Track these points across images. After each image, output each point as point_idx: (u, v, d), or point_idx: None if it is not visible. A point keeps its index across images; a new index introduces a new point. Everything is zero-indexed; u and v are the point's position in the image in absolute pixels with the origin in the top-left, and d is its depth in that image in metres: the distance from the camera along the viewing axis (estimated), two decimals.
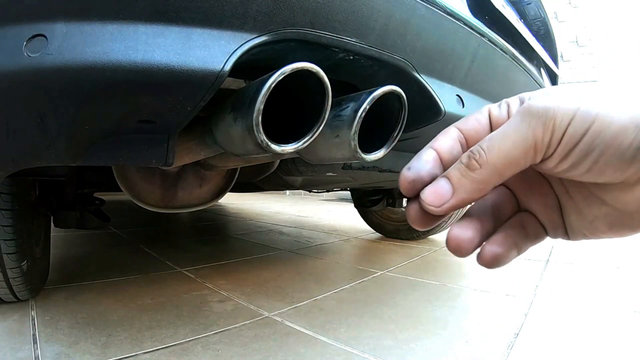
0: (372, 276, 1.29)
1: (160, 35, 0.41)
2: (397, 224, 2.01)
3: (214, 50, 0.43)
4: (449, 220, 1.81)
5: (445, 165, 0.22)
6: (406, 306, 1.01)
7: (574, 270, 1.38)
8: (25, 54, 0.39)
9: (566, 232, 0.23)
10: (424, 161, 0.22)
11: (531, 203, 0.24)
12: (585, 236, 0.22)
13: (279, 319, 0.90)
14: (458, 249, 0.21)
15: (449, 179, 0.21)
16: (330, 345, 0.77)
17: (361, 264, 1.50)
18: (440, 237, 2.08)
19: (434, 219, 0.22)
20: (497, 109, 0.23)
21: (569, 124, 0.17)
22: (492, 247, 0.22)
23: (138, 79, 0.41)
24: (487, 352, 0.75)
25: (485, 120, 0.23)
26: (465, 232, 0.22)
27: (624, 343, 0.79)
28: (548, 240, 0.25)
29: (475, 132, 0.23)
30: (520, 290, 1.13)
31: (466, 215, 0.23)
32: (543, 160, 0.19)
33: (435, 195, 0.21)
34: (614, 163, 0.17)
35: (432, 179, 0.21)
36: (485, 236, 0.22)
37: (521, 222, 0.23)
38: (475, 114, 0.23)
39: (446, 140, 0.23)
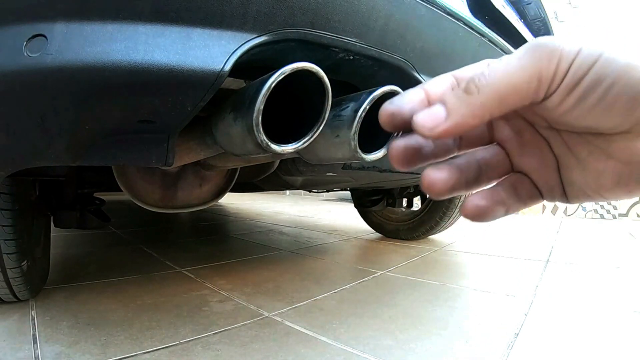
0: (372, 276, 1.29)
1: (160, 35, 0.41)
2: (397, 224, 2.01)
3: (214, 50, 0.43)
4: (450, 218, 1.81)
5: None
6: (406, 306, 1.01)
7: (574, 270, 1.38)
8: (25, 54, 0.39)
9: (564, 193, 0.22)
10: (408, 99, 0.21)
11: (526, 162, 0.22)
12: (587, 196, 0.21)
13: (279, 319, 0.90)
14: (430, 187, 0.21)
15: (444, 102, 0.19)
16: (330, 345, 0.77)
17: (361, 264, 1.50)
18: (440, 237, 2.08)
19: (419, 158, 0.22)
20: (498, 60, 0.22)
21: (575, 56, 0.17)
22: (475, 198, 0.21)
23: (138, 79, 0.41)
24: (487, 352, 0.75)
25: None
26: (441, 172, 0.21)
27: (624, 343, 0.79)
28: (548, 240, 0.24)
29: None
30: (520, 290, 1.13)
31: (446, 161, 0.22)
32: (546, 98, 0.18)
33: (428, 116, 0.19)
34: (621, 101, 0.16)
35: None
36: (464, 184, 0.22)
37: (512, 182, 0.23)
38: (475, 64, 0.22)
39: (439, 84, 0.21)
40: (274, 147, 0.47)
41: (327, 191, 2.36)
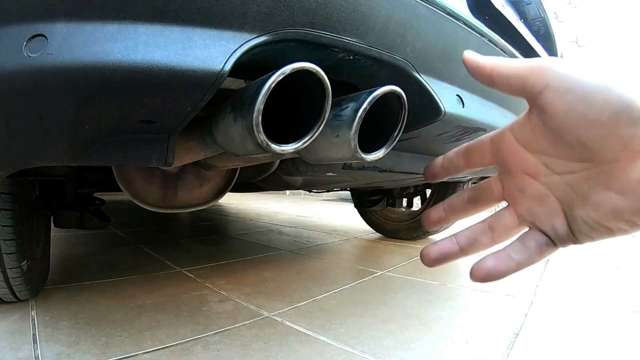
0: (372, 276, 1.29)
1: (160, 35, 0.41)
2: (397, 224, 2.01)
3: (214, 50, 0.43)
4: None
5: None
6: (406, 306, 1.01)
7: (574, 270, 1.38)
8: (25, 54, 0.39)
9: (571, 232, 0.23)
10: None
11: (532, 212, 0.25)
12: (591, 229, 0.22)
13: (279, 319, 0.90)
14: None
15: None
16: (330, 345, 0.77)
17: (361, 264, 1.50)
18: (440, 237, 2.08)
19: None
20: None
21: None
22: (485, 261, 0.25)
23: (138, 79, 0.41)
24: (487, 352, 0.75)
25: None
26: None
27: (624, 343, 0.79)
28: None
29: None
30: (520, 290, 1.13)
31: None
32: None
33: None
34: (604, 115, 0.19)
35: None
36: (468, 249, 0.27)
37: (520, 239, 0.25)
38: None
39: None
40: (274, 147, 0.47)
41: (327, 191, 2.36)
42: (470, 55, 0.25)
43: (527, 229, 0.25)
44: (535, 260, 0.25)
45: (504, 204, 0.27)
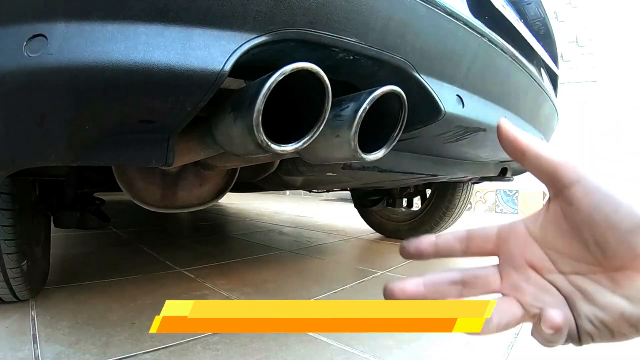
0: (372, 276, 1.29)
1: (160, 35, 0.41)
2: (397, 224, 2.01)
3: (214, 50, 0.43)
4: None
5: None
6: None
7: None
8: (25, 54, 0.39)
9: (579, 337, 0.25)
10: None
11: (539, 298, 0.25)
12: (595, 328, 0.24)
13: None
14: None
15: None
16: (330, 345, 0.77)
17: (361, 264, 1.50)
18: None
19: None
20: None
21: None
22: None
23: (138, 79, 0.41)
24: (487, 352, 0.75)
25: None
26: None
27: (624, 343, 0.79)
28: None
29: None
30: None
31: None
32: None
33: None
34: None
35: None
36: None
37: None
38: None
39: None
40: (274, 147, 0.47)
41: (327, 191, 2.36)
42: (506, 124, 0.25)
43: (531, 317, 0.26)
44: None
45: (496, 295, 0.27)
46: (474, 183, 1.70)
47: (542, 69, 1.17)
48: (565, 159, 0.23)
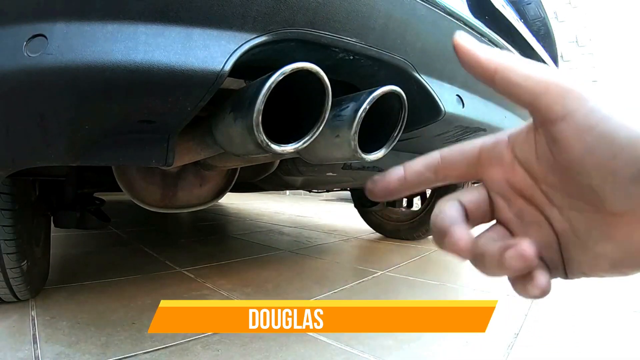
0: (372, 276, 1.29)
1: (160, 35, 0.41)
2: (397, 224, 2.01)
3: (214, 50, 0.43)
4: None
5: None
6: None
7: None
8: (25, 54, 0.39)
9: (564, 271, 0.22)
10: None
11: (530, 236, 0.22)
12: (583, 274, 0.21)
13: None
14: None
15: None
16: (330, 345, 0.77)
17: (361, 264, 1.50)
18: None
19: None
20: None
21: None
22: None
23: (138, 79, 0.41)
24: (487, 352, 0.75)
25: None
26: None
27: (624, 343, 0.79)
28: None
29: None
30: None
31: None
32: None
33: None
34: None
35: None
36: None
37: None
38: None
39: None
40: (274, 147, 0.47)
41: (327, 191, 2.36)
42: (463, 40, 0.20)
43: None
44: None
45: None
46: (473, 183, 1.70)
47: None
48: (549, 81, 0.18)
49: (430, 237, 2.03)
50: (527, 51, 0.99)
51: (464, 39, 0.20)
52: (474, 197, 0.23)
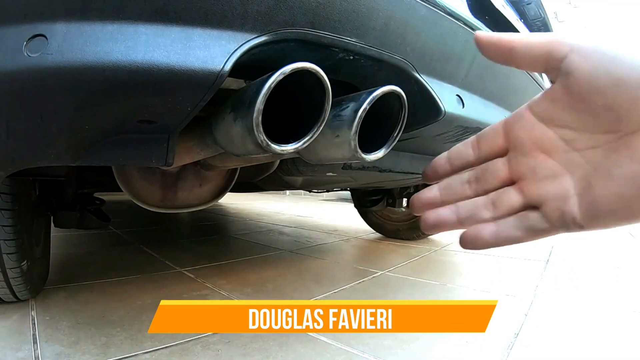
0: (372, 276, 1.29)
1: (160, 35, 0.41)
2: (397, 224, 2.01)
3: (214, 50, 0.43)
4: None
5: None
6: None
7: (574, 270, 1.38)
8: (25, 54, 0.39)
9: (582, 218, 0.22)
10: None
11: (542, 193, 0.24)
12: (609, 212, 0.21)
13: None
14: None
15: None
16: (330, 345, 0.77)
17: (361, 264, 1.50)
18: (440, 237, 2.08)
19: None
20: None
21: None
22: (482, 231, 0.25)
23: (138, 79, 0.41)
24: (487, 352, 0.75)
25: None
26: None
27: (624, 343, 0.79)
28: (548, 240, 0.25)
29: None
30: (520, 290, 1.13)
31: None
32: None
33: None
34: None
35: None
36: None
37: (519, 216, 0.25)
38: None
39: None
40: (274, 147, 0.47)
41: (327, 191, 2.36)
42: (483, 35, 0.25)
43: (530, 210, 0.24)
44: (525, 240, 0.24)
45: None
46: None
47: None
48: (553, 36, 0.22)
49: (430, 237, 2.04)
50: None
51: (482, 34, 0.25)
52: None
